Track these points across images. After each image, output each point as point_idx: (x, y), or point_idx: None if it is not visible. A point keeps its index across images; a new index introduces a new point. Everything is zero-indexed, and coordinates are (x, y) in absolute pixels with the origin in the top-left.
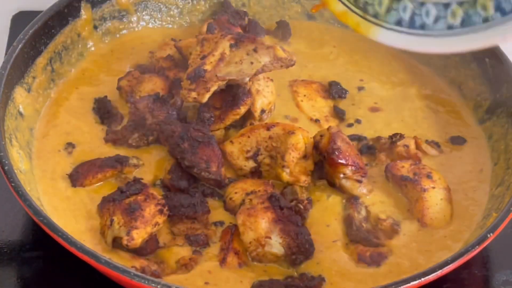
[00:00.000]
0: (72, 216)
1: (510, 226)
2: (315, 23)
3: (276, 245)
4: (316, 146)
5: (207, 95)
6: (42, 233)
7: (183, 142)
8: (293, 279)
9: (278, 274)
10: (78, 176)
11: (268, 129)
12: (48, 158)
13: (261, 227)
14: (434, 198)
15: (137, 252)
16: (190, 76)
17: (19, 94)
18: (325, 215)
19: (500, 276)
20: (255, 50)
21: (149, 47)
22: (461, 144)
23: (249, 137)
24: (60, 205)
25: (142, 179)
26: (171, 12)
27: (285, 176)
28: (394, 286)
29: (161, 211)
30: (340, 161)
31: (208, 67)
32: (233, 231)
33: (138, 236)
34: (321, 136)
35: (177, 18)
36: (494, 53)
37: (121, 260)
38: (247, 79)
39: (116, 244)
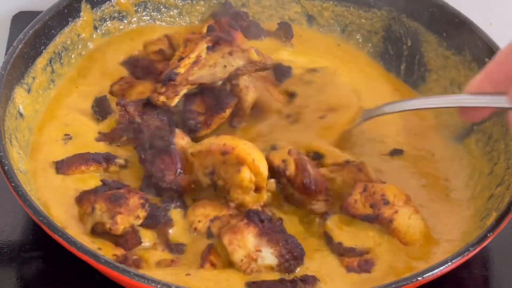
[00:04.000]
0: (58, 202)
1: (510, 226)
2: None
3: (268, 256)
4: (282, 173)
5: (176, 99)
6: (42, 233)
7: (145, 152)
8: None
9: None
10: (62, 165)
11: (223, 154)
12: (44, 147)
13: (249, 242)
14: (403, 222)
15: (118, 243)
16: (162, 79)
17: (19, 94)
18: (300, 231)
19: (500, 276)
20: (230, 53)
21: None
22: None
23: (206, 156)
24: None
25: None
26: (171, 13)
27: (232, 205)
28: (394, 285)
29: (143, 205)
30: (314, 190)
31: (181, 70)
32: (210, 248)
33: (122, 221)
34: (284, 162)
35: (176, 19)
36: (494, 53)
37: (104, 245)
38: (220, 82)
39: (95, 232)
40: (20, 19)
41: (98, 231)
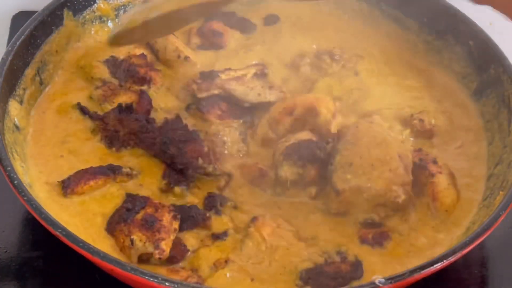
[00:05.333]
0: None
1: (510, 226)
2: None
3: None
4: None
5: (204, 94)
6: (41, 233)
7: (168, 148)
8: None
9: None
10: (69, 183)
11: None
12: (43, 163)
13: None
14: (442, 180)
15: (169, 261)
16: (203, 73)
17: (13, 107)
18: None
19: (500, 276)
20: (270, 88)
21: None
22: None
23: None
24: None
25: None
26: None
27: None
28: (419, 270)
29: (175, 217)
30: None
31: (223, 76)
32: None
33: (167, 246)
34: None
35: None
36: (478, 36)
37: (157, 271)
38: (247, 104)
39: (141, 260)
40: (20, 19)
41: (143, 258)
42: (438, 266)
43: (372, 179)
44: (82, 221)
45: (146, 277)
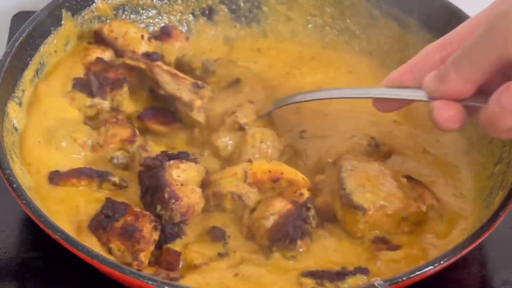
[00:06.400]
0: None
1: (509, 226)
2: None
3: None
4: None
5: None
6: (41, 233)
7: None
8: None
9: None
10: (55, 175)
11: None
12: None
13: None
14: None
15: (168, 269)
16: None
17: (12, 108)
18: None
19: (500, 276)
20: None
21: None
22: None
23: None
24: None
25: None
26: (149, 14)
27: None
28: (417, 271)
29: (156, 228)
30: None
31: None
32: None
33: (146, 258)
34: None
35: (156, 20)
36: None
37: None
38: None
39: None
40: (20, 19)
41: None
42: (437, 267)
43: (389, 196)
44: (66, 210)
45: (145, 280)
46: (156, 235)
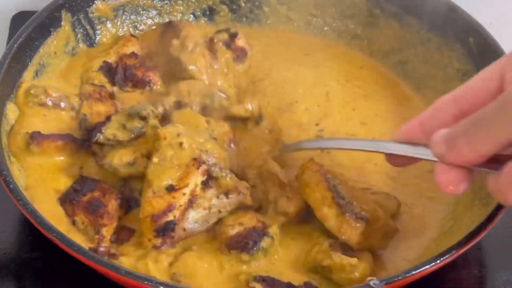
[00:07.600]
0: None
1: (509, 225)
2: None
3: None
4: None
5: (171, 251)
6: (40, 234)
7: None
8: None
9: None
10: (37, 136)
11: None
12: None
13: None
14: None
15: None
16: (158, 226)
17: (11, 110)
18: None
19: (500, 276)
20: (226, 195)
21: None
22: None
23: None
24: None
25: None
26: (150, 14)
27: None
28: (413, 271)
29: (121, 205)
30: None
31: (177, 212)
32: None
33: (108, 233)
34: None
35: (156, 20)
36: (477, 32)
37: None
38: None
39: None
40: (20, 19)
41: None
42: (433, 266)
43: (377, 208)
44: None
45: (141, 281)
46: (121, 212)
